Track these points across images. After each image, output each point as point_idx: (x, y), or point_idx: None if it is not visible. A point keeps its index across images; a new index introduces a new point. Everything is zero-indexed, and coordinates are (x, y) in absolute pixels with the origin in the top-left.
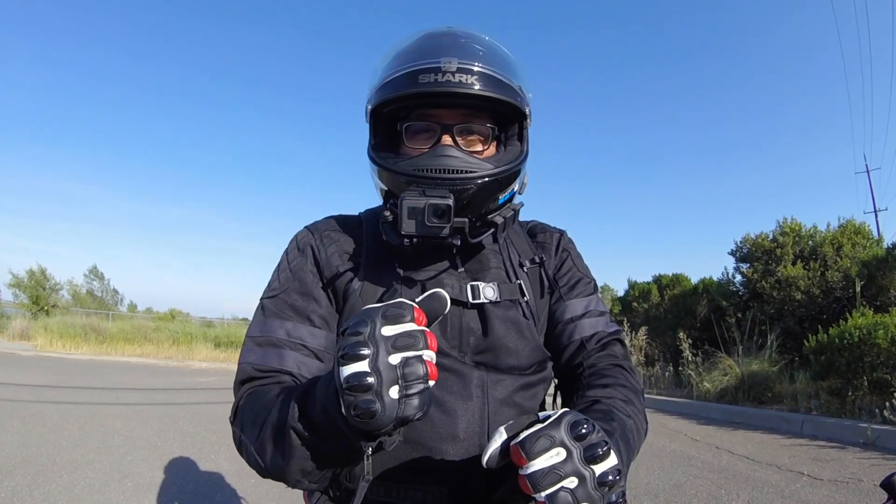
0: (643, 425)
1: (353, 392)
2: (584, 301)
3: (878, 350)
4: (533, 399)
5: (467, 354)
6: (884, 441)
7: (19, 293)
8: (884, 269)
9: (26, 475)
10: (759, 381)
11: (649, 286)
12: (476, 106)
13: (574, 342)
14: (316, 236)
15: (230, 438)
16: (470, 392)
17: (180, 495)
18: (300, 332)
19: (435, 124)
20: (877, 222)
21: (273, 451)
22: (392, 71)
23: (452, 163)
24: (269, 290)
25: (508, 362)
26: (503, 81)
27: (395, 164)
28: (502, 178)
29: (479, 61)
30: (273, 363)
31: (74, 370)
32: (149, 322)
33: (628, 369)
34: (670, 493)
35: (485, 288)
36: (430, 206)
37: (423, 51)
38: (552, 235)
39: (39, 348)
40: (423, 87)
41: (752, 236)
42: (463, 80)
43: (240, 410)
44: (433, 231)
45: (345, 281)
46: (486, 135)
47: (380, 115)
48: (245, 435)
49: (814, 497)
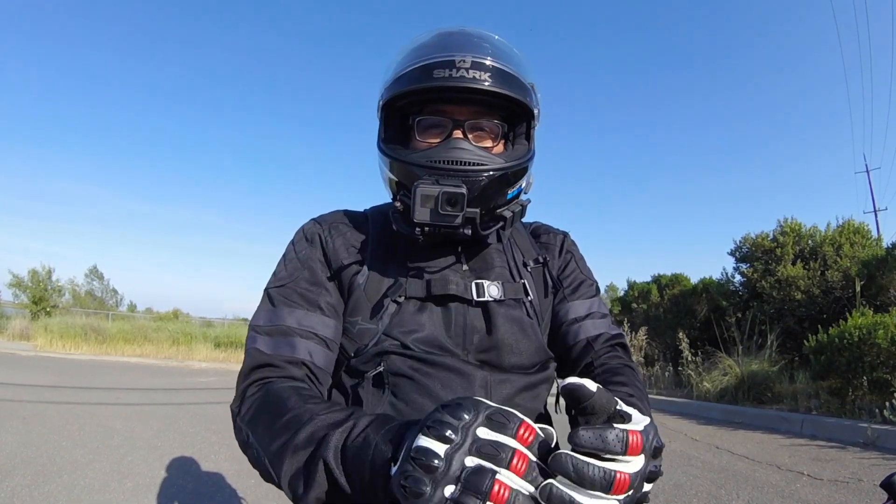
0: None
1: (414, 463)
2: (588, 303)
3: (877, 350)
4: (535, 400)
5: (471, 353)
6: (884, 441)
7: (19, 293)
8: (883, 269)
9: (26, 475)
10: (759, 381)
11: (649, 286)
12: (488, 103)
13: (580, 342)
14: (324, 227)
15: (230, 439)
16: (473, 392)
17: (180, 495)
18: (311, 321)
19: (447, 119)
20: (876, 222)
21: (293, 473)
22: (406, 65)
23: (465, 155)
24: (275, 280)
25: (512, 361)
26: (517, 79)
27: (408, 156)
28: (512, 172)
29: (493, 58)
30: (284, 352)
31: (74, 370)
32: (149, 322)
33: (635, 370)
34: (670, 493)
35: (489, 286)
36: (444, 193)
37: (438, 47)
38: (556, 236)
39: (39, 348)
40: (438, 81)
41: (752, 236)
42: (477, 77)
43: (251, 406)
44: (446, 219)
45: (350, 273)
46: (496, 132)
47: (392, 109)
48: (255, 438)
49: (814, 497)
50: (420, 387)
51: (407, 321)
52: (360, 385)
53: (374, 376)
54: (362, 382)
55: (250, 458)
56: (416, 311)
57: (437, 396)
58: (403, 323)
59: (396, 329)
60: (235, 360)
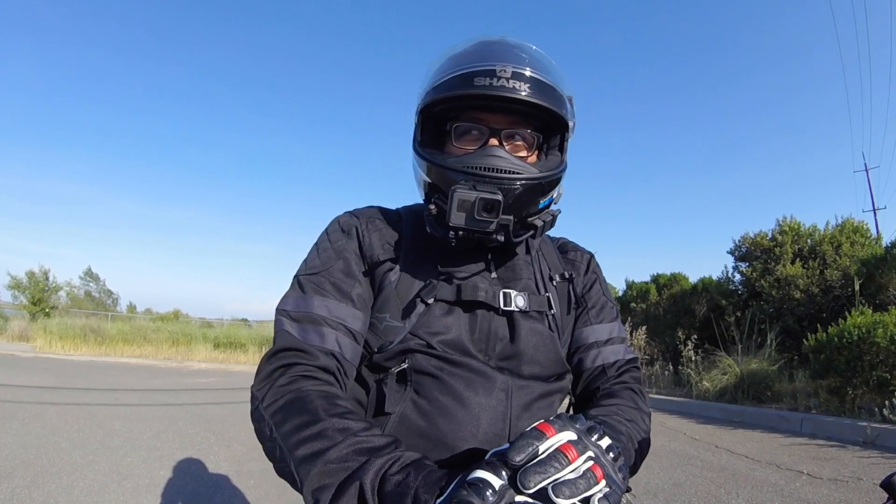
0: (643, 440)
1: (469, 488)
2: (609, 327)
3: (877, 349)
4: (549, 409)
5: (492, 359)
6: (883, 440)
7: (18, 294)
8: (883, 268)
9: (25, 477)
10: (758, 380)
11: (647, 286)
12: (524, 113)
13: (597, 367)
14: (362, 220)
15: (230, 439)
16: (495, 394)
17: (180, 496)
18: (342, 312)
19: (484, 127)
20: (875, 221)
21: (321, 486)
22: (447, 72)
23: (501, 163)
24: (308, 268)
25: (531, 371)
26: (555, 91)
27: (445, 161)
28: (546, 182)
29: (532, 69)
30: (313, 340)
31: (74, 371)
32: (148, 323)
33: (638, 392)
34: (670, 493)
35: (516, 297)
36: (481, 199)
37: (479, 55)
38: (583, 255)
39: (39, 350)
40: (479, 89)
41: (751, 235)
42: (516, 86)
43: (278, 399)
44: (481, 225)
45: (383, 270)
46: (531, 142)
47: (430, 114)
48: (279, 434)
49: (813, 496)
50: (443, 385)
51: (434, 323)
52: (384, 381)
53: (399, 373)
54: (386, 378)
55: (267, 450)
56: (443, 314)
57: (460, 396)
58: (430, 324)
59: (423, 329)
60: (235, 361)
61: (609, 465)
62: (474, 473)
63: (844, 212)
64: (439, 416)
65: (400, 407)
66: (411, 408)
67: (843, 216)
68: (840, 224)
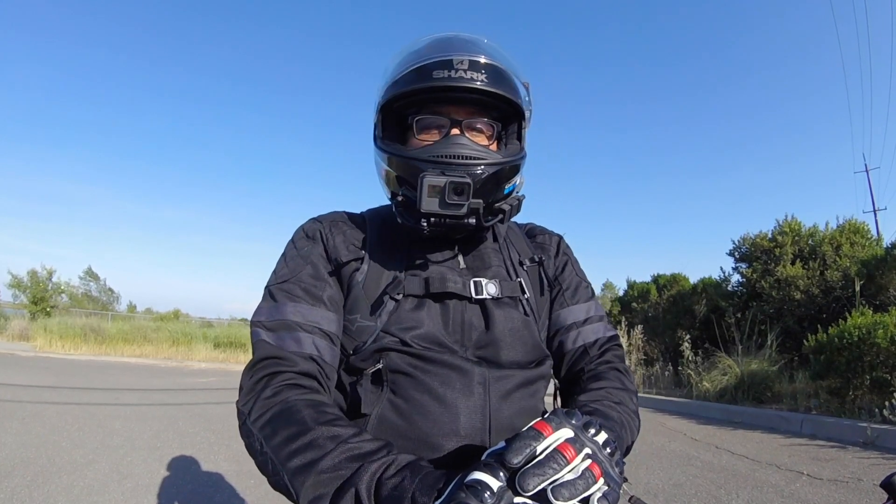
0: (633, 421)
1: (467, 490)
2: (585, 306)
3: (877, 349)
4: (532, 397)
5: (469, 349)
6: (883, 440)
7: (18, 293)
8: (883, 269)
9: (25, 476)
10: (758, 381)
11: (648, 286)
12: (483, 103)
13: (578, 348)
14: (324, 224)
15: (230, 439)
16: (472, 388)
17: (180, 496)
18: (315, 316)
19: (445, 119)
20: (876, 222)
21: (317, 495)
22: (405, 68)
23: (465, 150)
24: (277, 278)
25: (509, 357)
26: (512, 80)
27: (411, 153)
28: (508, 167)
29: (488, 59)
30: (291, 346)
31: (74, 371)
32: (149, 322)
33: (623, 371)
34: (670, 493)
35: (487, 284)
36: (451, 183)
37: (435, 49)
38: (551, 238)
39: (39, 349)
40: (437, 81)
41: (751, 236)
42: (474, 77)
43: (265, 412)
44: (453, 208)
45: (350, 270)
46: (491, 131)
47: (390, 110)
48: (270, 448)
49: (813, 496)
50: (418, 383)
51: (405, 318)
52: (359, 383)
53: (373, 373)
54: (361, 380)
55: (259, 464)
56: (414, 308)
57: (436, 393)
58: (402, 320)
59: (395, 326)
60: (235, 361)
61: (606, 461)
62: (472, 475)
63: (845, 213)
64: (417, 414)
65: (377, 408)
66: (389, 408)
67: (843, 217)
68: (840, 225)
